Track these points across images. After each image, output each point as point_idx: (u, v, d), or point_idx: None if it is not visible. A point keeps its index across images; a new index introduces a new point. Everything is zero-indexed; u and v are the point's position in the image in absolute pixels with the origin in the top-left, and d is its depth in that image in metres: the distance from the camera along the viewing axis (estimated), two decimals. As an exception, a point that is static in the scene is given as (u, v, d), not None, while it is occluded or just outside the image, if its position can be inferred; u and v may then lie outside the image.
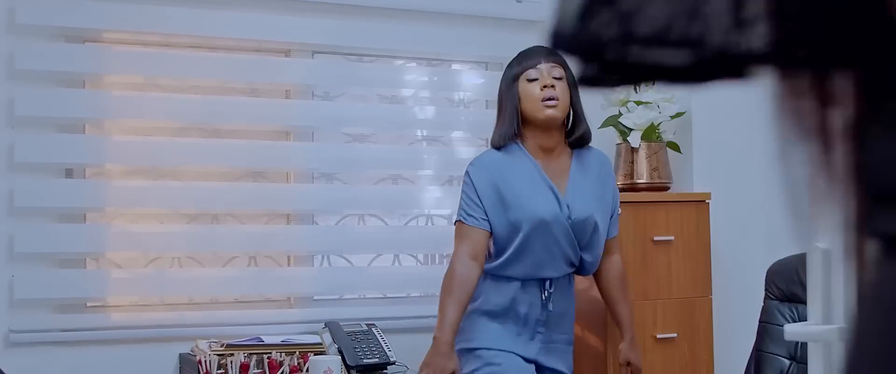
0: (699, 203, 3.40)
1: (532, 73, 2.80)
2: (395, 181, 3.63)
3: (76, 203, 3.16)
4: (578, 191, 2.84)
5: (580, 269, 2.90)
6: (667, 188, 3.46)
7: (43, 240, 3.09)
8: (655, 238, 3.29)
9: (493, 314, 2.84)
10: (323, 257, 3.54)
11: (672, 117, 3.44)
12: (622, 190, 3.45)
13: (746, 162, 3.64)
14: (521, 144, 2.85)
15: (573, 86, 2.84)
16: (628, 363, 2.91)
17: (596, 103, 3.56)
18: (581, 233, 2.82)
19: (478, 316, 2.85)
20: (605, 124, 3.51)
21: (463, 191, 2.86)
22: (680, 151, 3.54)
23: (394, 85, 3.63)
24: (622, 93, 3.46)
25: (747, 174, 3.64)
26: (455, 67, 3.75)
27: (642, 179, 3.42)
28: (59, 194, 3.13)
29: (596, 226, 2.82)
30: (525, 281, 2.84)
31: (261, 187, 3.40)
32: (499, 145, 2.85)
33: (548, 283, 2.85)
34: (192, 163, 3.30)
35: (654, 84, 3.43)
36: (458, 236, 2.83)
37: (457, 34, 3.62)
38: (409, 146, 3.66)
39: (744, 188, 3.62)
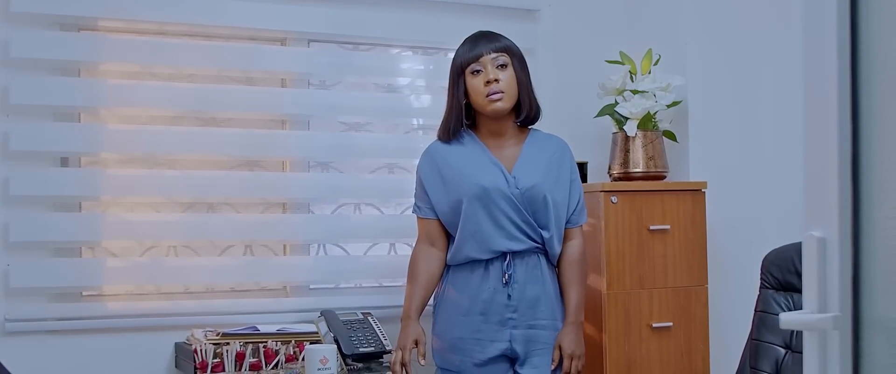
0: (695, 192, 3.40)
1: (475, 66, 2.84)
2: (391, 170, 3.63)
3: (71, 192, 3.15)
4: (527, 165, 2.85)
5: (545, 249, 2.86)
6: (663, 177, 3.46)
7: (38, 229, 3.09)
8: (651, 227, 3.29)
9: (458, 308, 2.85)
10: (319, 245, 3.54)
11: (668, 106, 3.44)
12: (618, 179, 3.46)
13: (743, 151, 3.65)
14: (472, 132, 2.92)
15: (520, 67, 2.86)
16: (559, 348, 2.81)
17: (592, 93, 3.56)
18: (531, 204, 2.81)
19: (442, 314, 2.88)
20: (601, 113, 3.51)
21: (416, 183, 2.98)
22: (676, 141, 3.54)
23: (390, 73, 3.62)
24: (618, 82, 3.46)
25: (743, 163, 3.65)
26: (451, 55, 3.73)
27: (638, 168, 3.42)
28: (54, 182, 3.12)
29: (545, 199, 2.81)
30: (487, 264, 2.83)
31: (256, 176, 3.39)
32: (445, 140, 2.92)
33: (507, 261, 2.82)
34: (188, 151, 3.29)
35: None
36: (418, 228, 2.98)
37: (453, 22, 3.61)
38: (405, 135, 3.66)
39: (740, 178, 3.63)
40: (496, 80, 2.80)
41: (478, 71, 2.83)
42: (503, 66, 2.83)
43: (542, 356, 2.83)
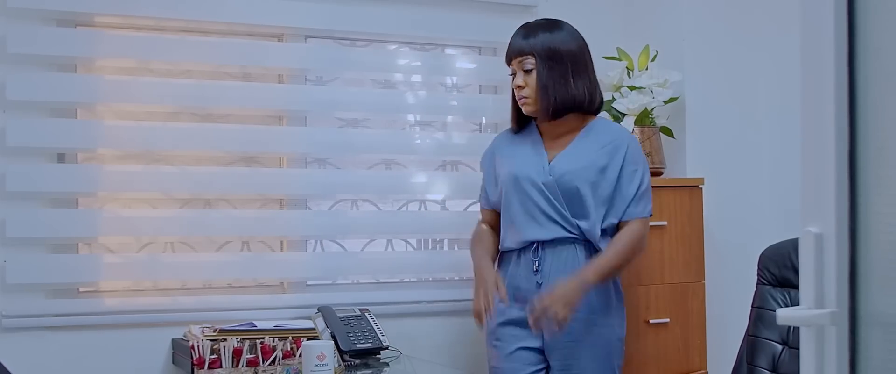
0: (692, 188, 3.40)
1: (510, 69, 2.92)
2: (388, 166, 3.63)
3: (68, 188, 3.15)
4: (571, 155, 2.86)
5: (585, 240, 2.82)
6: (660, 173, 3.47)
7: (35, 225, 3.09)
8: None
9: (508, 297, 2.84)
10: (316, 241, 3.54)
11: (665, 102, 3.44)
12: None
13: (740, 147, 3.65)
14: (534, 123, 2.97)
15: (547, 67, 2.83)
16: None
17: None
18: (565, 193, 2.81)
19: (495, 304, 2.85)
20: (598, 109, 3.51)
21: None
22: (673, 137, 3.54)
23: (387, 69, 3.62)
24: (615, 78, 3.46)
25: (740, 159, 3.65)
26: (448, 51, 3.75)
27: (636, 164, 3.42)
28: (51, 178, 3.12)
29: (578, 189, 2.80)
30: (520, 252, 2.88)
31: (254, 172, 3.39)
32: (514, 131, 3.01)
33: (537, 249, 2.84)
34: (185, 147, 3.29)
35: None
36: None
37: (450, 18, 3.61)
38: (403, 131, 3.66)
39: (737, 173, 3.63)
40: (522, 86, 2.86)
41: (512, 74, 2.91)
42: (529, 70, 2.85)
43: (563, 342, 2.82)
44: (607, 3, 3.85)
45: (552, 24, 2.92)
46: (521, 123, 2.98)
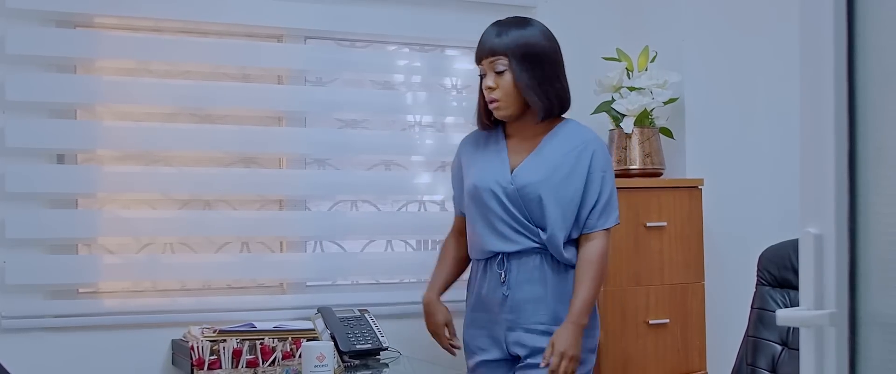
0: (692, 189, 3.40)
1: (480, 69, 2.78)
2: (387, 167, 3.63)
3: (68, 188, 3.15)
4: (533, 162, 2.72)
5: (546, 248, 2.72)
6: (659, 174, 3.47)
7: (34, 225, 3.08)
8: (648, 224, 3.29)
9: (468, 303, 2.88)
10: (315, 242, 3.54)
11: (665, 103, 3.44)
12: (615, 176, 3.45)
13: (739, 148, 3.65)
14: (501, 125, 2.85)
15: (521, 67, 2.69)
16: (552, 345, 2.63)
17: (588, 89, 3.56)
18: (526, 203, 2.69)
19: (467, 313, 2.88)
20: (597, 110, 3.51)
21: None
22: (673, 137, 3.54)
23: (386, 70, 3.62)
24: (615, 79, 3.46)
25: (740, 160, 3.65)
26: (448, 52, 3.75)
27: (635, 164, 3.42)
28: (50, 179, 3.12)
29: (540, 198, 2.67)
30: (486, 263, 2.80)
31: (253, 173, 3.39)
32: (481, 129, 2.89)
33: (503, 259, 2.75)
34: (184, 148, 3.29)
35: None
36: None
37: (450, 19, 3.61)
38: (402, 132, 3.66)
39: (736, 174, 3.63)
40: (493, 87, 2.71)
41: (482, 75, 2.77)
42: (501, 71, 2.70)
43: (536, 359, 2.70)
44: (607, 4, 3.85)
45: (524, 22, 2.77)
46: (486, 124, 2.83)
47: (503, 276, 2.74)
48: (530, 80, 2.69)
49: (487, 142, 2.85)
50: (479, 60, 2.75)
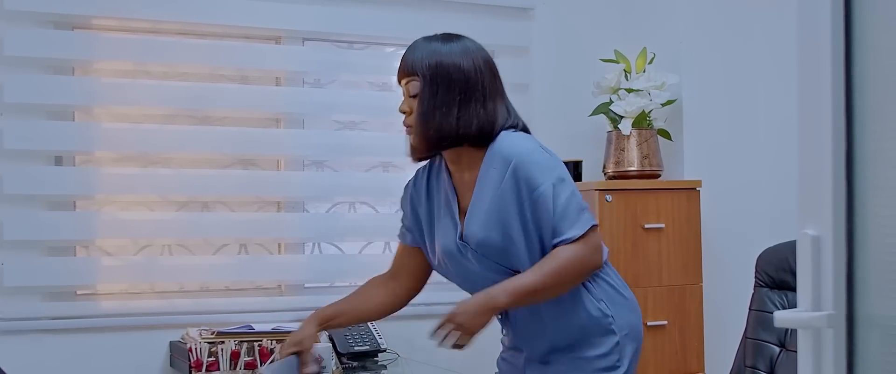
0: (690, 191, 3.40)
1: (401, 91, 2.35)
2: (385, 169, 3.63)
3: (65, 190, 3.15)
4: (475, 211, 2.29)
5: None
6: (657, 176, 3.47)
7: (32, 227, 3.08)
8: (646, 226, 3.29)
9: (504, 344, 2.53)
10: (313, 244, 3.54)
11: (663, 105, 3.44)
12: (613, 178, 3.46)
13: (737, 150, 3.66)
14: (442, 158, 2.41)
15: (431, 89, 2.25)
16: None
17: (586, 91, 3.56)
18: (491, 255, 2.28)
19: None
20: (595, 112, 3.51)
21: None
22: (671, 139, 3.54)
23: (384, 72, 3.60)
24: (613, 81, 3.46)
25: (738, 162, 3.65)
26: (446, 54, 3.74)
27: (633, 166, 3.42)
28: (48, 181, 3.12)
29: (500, 243, 2.25)
30: None
31: (251, 175, 3.39)
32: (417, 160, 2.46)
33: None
34: (182, 150, 3.29)
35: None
36: None
37: (447, 21, 3.60)
38: (400, 133, 3.63)
39: (734, 176, 3.63)
40: (406, 111, 2.32)
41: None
42: (415, 95, 2.28)
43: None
44: (605, 6, 3.85)
45: (450, 39, 2.30)
46: (421, 155, 2.39)
47: (501, 316, 2.40)
48: (438, 104, 2.25)
49: (438, 188, 2.43)
50: (398, 79, 2.34)
